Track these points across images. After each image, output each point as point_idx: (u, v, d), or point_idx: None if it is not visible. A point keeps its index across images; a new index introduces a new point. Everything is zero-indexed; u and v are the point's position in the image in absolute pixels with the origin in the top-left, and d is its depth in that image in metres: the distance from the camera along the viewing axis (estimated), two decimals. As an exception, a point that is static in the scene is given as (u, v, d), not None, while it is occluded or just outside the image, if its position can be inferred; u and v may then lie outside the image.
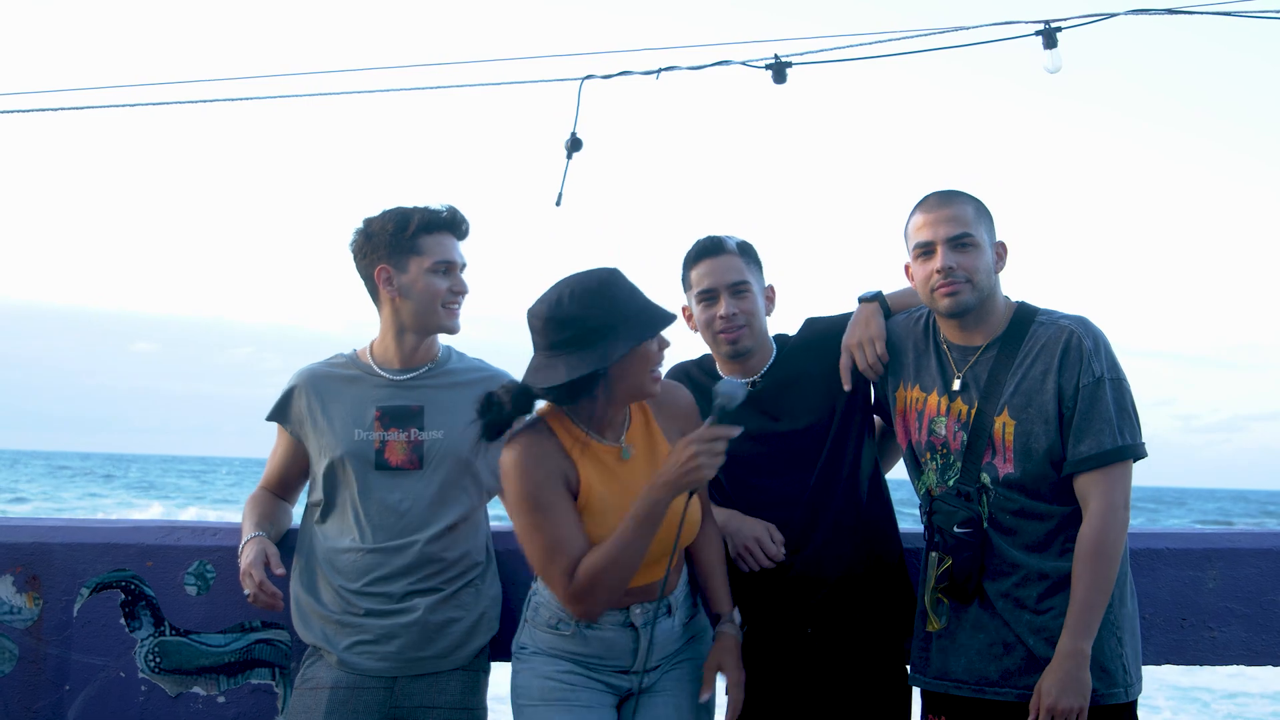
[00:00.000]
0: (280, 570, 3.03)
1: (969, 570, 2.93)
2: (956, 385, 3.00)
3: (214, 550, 3.40)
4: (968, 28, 5.43)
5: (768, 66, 5.44)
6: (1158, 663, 3.48)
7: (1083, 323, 2.95)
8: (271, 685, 3.39)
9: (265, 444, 3.32)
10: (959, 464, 2.97)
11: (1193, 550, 3.52)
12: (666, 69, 5.45)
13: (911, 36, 5.43)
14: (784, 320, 3.41)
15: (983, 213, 3.03)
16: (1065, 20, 5.25)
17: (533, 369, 2.79)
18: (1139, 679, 2.95)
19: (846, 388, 3.18)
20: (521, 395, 2.82)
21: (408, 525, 3.10)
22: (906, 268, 3.11)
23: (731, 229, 3.35)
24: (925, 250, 2.98)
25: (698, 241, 3.27)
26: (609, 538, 2.71)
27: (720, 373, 3.28)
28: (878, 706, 3.16)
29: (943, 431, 3.01)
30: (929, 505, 3.03)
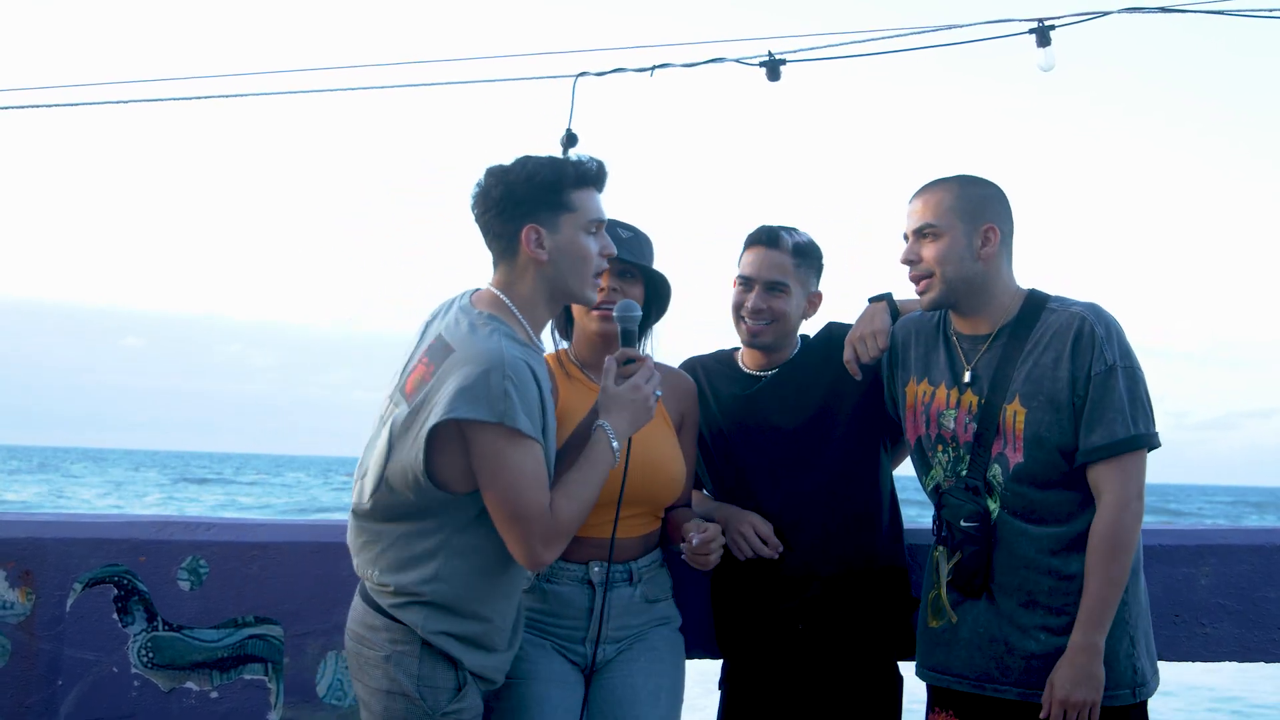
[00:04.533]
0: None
1: (977, 565, 2.89)
2: (967, 377, 2.96)
3: (207, 545, 3.39)
4: (962, 25, 5.44)
5: (762, 64, 5.46)
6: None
7: (1095, 309, 2.90)
8: (264, 680, 3.38)
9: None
10: (968, 456, 2.94)
11: (1186, 546, 3.52)
12: (660, 66, 5.47)
13: (906, 34, 5.45)
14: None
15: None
16: (1059, 18, 5.27)
17: None
18: (1153, 678, 2.91)
19: (857, 378, 3.17)
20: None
21: None
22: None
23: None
24: None
25: (761, 227, 3.27)
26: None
27: (740, 362, 3.33)
28: (868, 704, 3.17)
29: (951, 424, 2.98)
30: (938, 499, 3.00)
